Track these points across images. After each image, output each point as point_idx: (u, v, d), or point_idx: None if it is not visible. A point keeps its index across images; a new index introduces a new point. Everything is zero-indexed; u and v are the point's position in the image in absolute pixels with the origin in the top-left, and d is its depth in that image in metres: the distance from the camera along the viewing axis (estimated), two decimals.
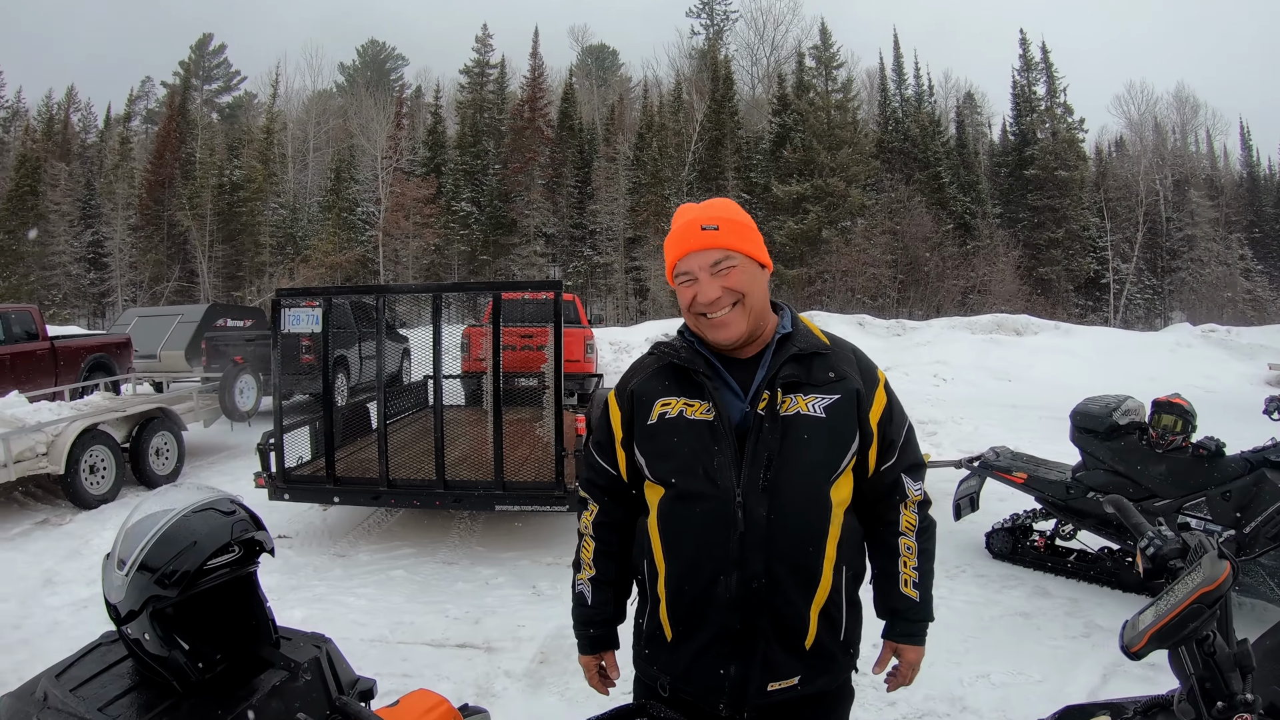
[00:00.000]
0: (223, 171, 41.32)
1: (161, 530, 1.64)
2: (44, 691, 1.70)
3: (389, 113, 43.37)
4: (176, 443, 8.60)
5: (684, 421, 1.75)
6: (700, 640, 1.72)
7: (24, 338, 11.01)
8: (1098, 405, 5.36)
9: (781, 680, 1.70)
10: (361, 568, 5.64)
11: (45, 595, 5.20)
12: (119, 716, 1.62)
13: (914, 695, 3.66)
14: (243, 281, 39.52)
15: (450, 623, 4.63)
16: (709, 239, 1.72)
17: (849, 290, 35.46)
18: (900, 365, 17.26)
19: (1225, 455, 4.91)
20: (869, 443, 1.77)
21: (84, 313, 39.91)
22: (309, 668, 1.83)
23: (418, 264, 39.24)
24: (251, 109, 51.93)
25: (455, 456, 6.43)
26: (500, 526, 6.55)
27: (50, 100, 48.03)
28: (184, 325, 14.57)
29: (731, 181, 38.97)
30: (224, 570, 1.71)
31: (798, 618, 1.69)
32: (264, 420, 10.05)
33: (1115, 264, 39.82)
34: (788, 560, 1.67)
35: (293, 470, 6.17)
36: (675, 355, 1.80)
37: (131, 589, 1.63)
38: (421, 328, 9.43)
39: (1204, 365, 17.29)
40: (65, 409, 7.78)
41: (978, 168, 42.75)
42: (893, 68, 44.85)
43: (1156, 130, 44.91)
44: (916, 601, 1.85)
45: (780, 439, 1.68)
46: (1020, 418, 11.70)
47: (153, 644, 1.65)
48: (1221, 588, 1.20)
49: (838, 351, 1.81)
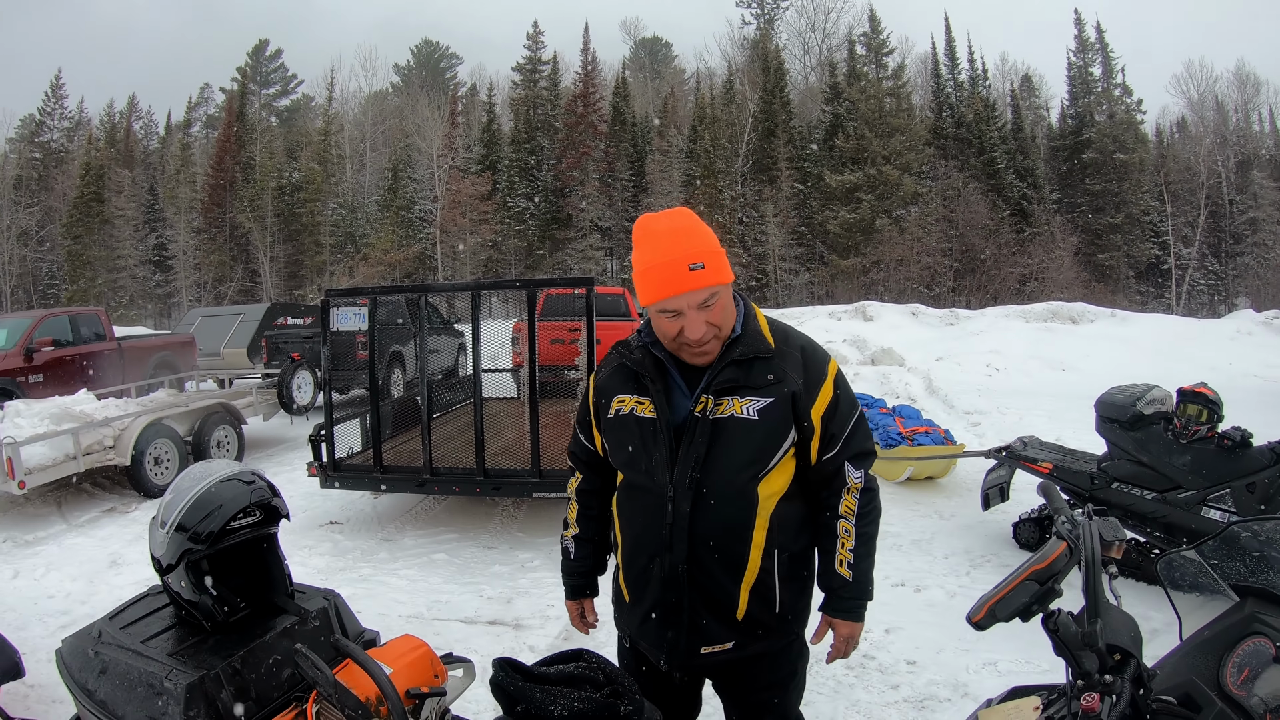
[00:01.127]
0: (282, 174, 42.52)
1: (195, 496, 2.05)
2: (99, 630, 2.14)
3: (444, 111, 44.14)
4: (237, 436, 9.04)
5: (633, 419, 1.96)
6: (645, 606, 1.98)
7: (93, 339, 11.57)
8: (1122, 395, 5.32)
9: (715, 645, 1.94)
10: (406, 551, 5.94)
11: (111, 575, 5.59)
12: (159, 648, 2.04)
13: (918, 680, 3.78)
14: (304, 280, 40.64)
15: (484, 602, 4.89)
16: (697, 279, 1.78)
17: (904, 279, 35.08)
18: (952, 355, 17.05)
19: (1251, 446, 4.83)
20: (810, 435, 1.93)
21: (150, 314, 41.40)
22: (317, 615, 2.24)
23: (475, 260, 39.87)
24: (309, 112, 53.17)
25: (498, 447, 6.70)
26: (541, 513, 6.79)
27: (111, 109, 49.84)
28: (246, 324, 15.17)
29: (785, 172, 38.87)
30: (246, 530, 2.13)
31: (726, 595, 1.91)
32: (319, 414, 10.46)
33: (1177, 249, 38.71)
34: (713, 548, 1.89)
35: (343, 460, 6.52)
36: (629, 357, 1.99)
37: (170, 545, 2.05)
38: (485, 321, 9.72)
39: (1265, 353, 16.73)
40: (130, 405, 8.20)
41: (1034, 153, 41.77)
42: (945, 52, 44.07)
43: (1218, 110, 43.30)
44: (849, 581, 2.00)
45: (709, 441, 1.86)
46: (1069, 409, 11.51)
47: (187, 590, 2.08)
48: (1052, 566, 1.33)
49: (783, 351, 1.94)
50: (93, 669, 2.01)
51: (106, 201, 41.18)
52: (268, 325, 14.80)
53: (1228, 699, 1.41)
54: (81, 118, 49.31)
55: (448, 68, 60.79)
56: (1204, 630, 1.65)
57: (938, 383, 13.69)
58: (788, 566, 1.96)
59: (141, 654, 1.99)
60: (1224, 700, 1.41)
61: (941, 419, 10.12)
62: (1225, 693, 1.42)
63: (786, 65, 45.53)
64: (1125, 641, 1.37)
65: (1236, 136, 42.23)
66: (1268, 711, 1.32)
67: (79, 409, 7.62)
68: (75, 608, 4.94)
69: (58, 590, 5.30)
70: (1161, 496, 5.01)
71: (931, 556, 5.63)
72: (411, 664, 1.93)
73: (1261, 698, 1.34)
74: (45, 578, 5.55)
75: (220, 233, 42.37)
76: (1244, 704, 1.37)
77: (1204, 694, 1.44)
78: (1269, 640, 1.44)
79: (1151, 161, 39.65)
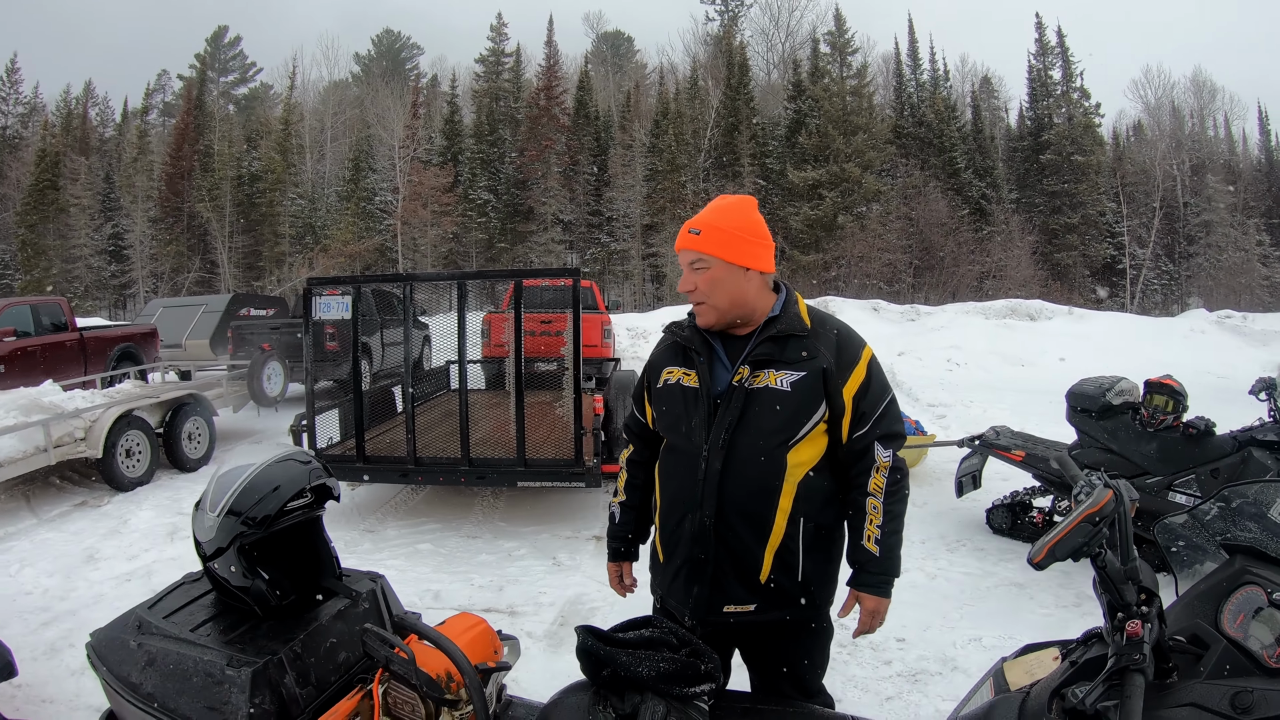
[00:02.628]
0: (241, 163, 41.82)
1: (248, 479, 2.03)
2: (139, 620, 2.06)
3: (405, 102, 43.70)
4: (208, 427, 8.89)
5: (679, 388, 2.13)
6: (675, 563, 2.11)
7: (53, 329, 11.32)
8: (1092, 385, 5.52)
9: (738, 605, 2.06)
10: (389, 542, 5.93)
11: (88, 570, 5.45)
12: (210, 636, 1.99)
13: (909, 655, 3.92)
14: (263, 271, 40.06)
15: (475, 590, 4.92)
16: (690, 241, 2.09)
17: (864, 276, 35.53)
18: (913, 350, 17.36)
19: (1215, 435, 5.06)
20: (841, 414, 2.07)
21: (105, 304, 40.54)
22: (367, 597, 2.25)
23: (436, 252, 39.62)
24: (268, 100, 52.45)
25: (478, 437, 6.72)
26: (522, 502, 6.83)
27: (68, 95, 48.77)
28: (208, 315, 14.95)
29: (747, 168, 39.10)
30: (299, 512, 2.15)
31: (751, 556, 2.04)
32: (290, 406, 10.37)
33: (1132, 250, 39.69)
34: (740, 507, 2.02)
35: (324, 450, 6.47)
36: (680, 333, 2.18)
37: (221, 530, 1.99)
38: (442, 315, 9.66)
39: (1217, 352, 17.26)
40: (99, 396, 8.07)
41: (994, 153, 42.61)
42: (908, 53, 44.78)
43: (1174, 115, 44.62)
44: (876, 556, 2.10)
45: (742, 407, 2.02)
46: (1030, 402, 11.81)
47: (237, 576, 2.03)
48: (1104, 510, 1.46)
49: (818, 332, 2.10)
50: (136, 661, 1.95)
51: (62, 190, 40.31)
52: (231, 316, 14.62)
53: (1229, 640, 1.56)
54: (37, 103, 48.28)
55: (409, 58, 60.18)
56: (1200, 584, 1.79)
57: (900, 377, 13.91)
58: (813, 537, 2.07)
59: (195, 643, 1.94)
60: (1226, 640, 1.56)
61: (907, 411, 10.31)
62: (1226, 635, 1.57)
63: (750, 62, 45.76)
64: (1152, 584, 1.50)
65: (1192, 141, 43.52)
66: (1264, 648, 1.49)
67: (47, 400, 7.47)
68: (54, 604, 4.84)
69: (34, 587, 5.16)
70: (1131, 481, 5.19)
71: (908, 541, 5.66)
72: (474, 640, 1.97)
73: (1257, 637, 1.52)
74: (20, 574, 5.39)
75: (178, 223, 41.53)
76: (1242, 644, 1.53)
77: (1210, 633, 1.60)
78: (1260, 588, 1.59)
79: (1108, 164, 40.60)
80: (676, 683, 1.58)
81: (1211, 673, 1.52)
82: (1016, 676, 1.82)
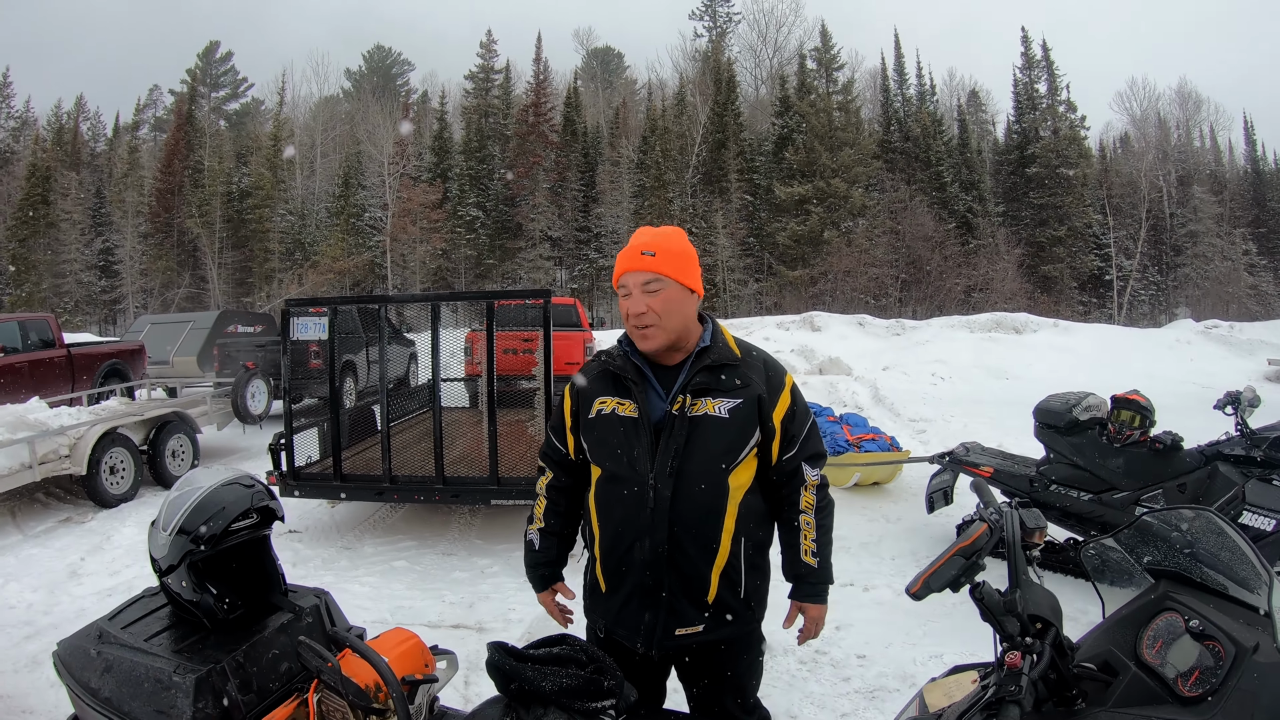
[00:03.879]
0: (231, 179, 41.84)
1: (197, 501, 2.17)
2: (99, 630, 2.22)
3: (395, 118, 43.79)
4: (191, 445, 8.93)
5: (615, 418, 2.17)
6: (624, 592, 2.16)
7: (41, 345, 11.32)
8: (1059, 402, 5.58)
9: (688, 627, 2.13)
10: (366, 559, 5.97)
11: (71, 585, 5.52)
12: (162, 646, 2.13)
13: (869, 672, 3.97)
14: (252, 287, 40.11)
15: (447, 607, 4.97)
16: (646, 263, 2.12)
17: (851, 290, 35.69)
18: (898, 365, 17.36)
19: (1181, 449, 5.09)
20: (771, 437, 2.18)
21: (95, 320, 40.43)
22: (310, 612, 2.36)
23: (425, 269, 39.67)
24: (259, 115, 52.51)
25: (454, 455, 6.77)
26: (497, 520, 6.86)
27: (59, 109, 48.94)
28: (196, 332, 14.96)
29: (735, 183, 39.35)
30: (245, 532, 2.25)
31: (700, 577, 2.11)
32: (273, 423, 10.39)
33: (1119, 261, 39.99)
34: (690, 531, 2.09)
35: (302, 469, 6.52)
36: (611, 363, 2.22)
37: (172, 547, 2.15)
38: (428, 332, 9.75)
39: (1203, 362, 17.34)
40: (84, 414, 8.10)
41: (980, 166, 42.92)
42: (894, 68, 45.17)
43: (1159, 126, 45.08)
44: (815, 567, 2.24)
45: (686, 435, 2.09)
46: (1012, 415, 11.80)
47: (188, 591, 2.17)
48: (975, 544, 1.53)
49: (748, 362, 2.20)
50: (95, 668, 2.09)
51: (52, 204, 40.23)
52: (218, 333, 14.64)
53: (1143, 666, 1.60)
54: (28, 117, 48.40)
55: (399, 74, 60.48)
56: (1123, 609, 1.85)
57: (884, 391, 13.98)
58: (751, 554, 2.17)
59: (147, 651, 2.08)
60: (1140, 667, 1.60)
61: (888, 427, 10.38)
62: (1142, 661, 1.62)
63: (738, 78, 46.13)
64: (1046, 612, 1.56)
65: (1178, 152, 44.04)
66: (1178, 676, 1.52)
67: (32, 417, 7.50)
68: (38, 618, 4.89)
69: (18, 601, 5.22)
70: (1097, 497, 5.26)
71: (879, 558, 5.83)
72: (404, 654, 2.10)
73: (1173, 664, 1.55)
74: (4, 589, 5.44)
75: (168, 238, 41.62)
76: (1158, 671, 1.57)
77: (1120, 661, 1.64)
78: (1179, 615, 1.63)
79: (1094, 176, 40.95)
80: (579, 697, 1.68)
81: (1118, 701, 1.57)
82: (935, 699, 1.88)
